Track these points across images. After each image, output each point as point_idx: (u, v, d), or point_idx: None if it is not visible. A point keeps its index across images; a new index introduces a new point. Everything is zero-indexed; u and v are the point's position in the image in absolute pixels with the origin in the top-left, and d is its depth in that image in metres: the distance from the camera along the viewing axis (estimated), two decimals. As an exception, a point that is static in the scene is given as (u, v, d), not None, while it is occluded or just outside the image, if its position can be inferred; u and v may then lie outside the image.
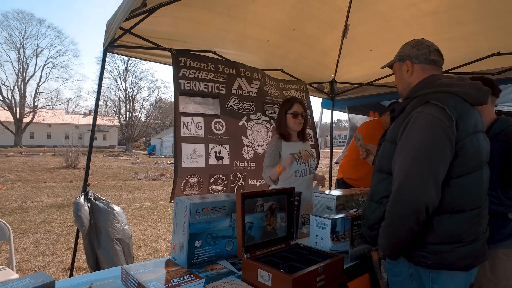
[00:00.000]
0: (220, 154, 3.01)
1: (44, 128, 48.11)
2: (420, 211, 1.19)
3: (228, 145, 3.08)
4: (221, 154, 3.01)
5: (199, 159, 2.87)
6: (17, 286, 0.89)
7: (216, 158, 2.98)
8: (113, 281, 1.33)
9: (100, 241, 2.70)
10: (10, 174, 14.49)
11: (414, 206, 1.19)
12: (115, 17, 2.26)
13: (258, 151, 3.31)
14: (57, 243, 4.79)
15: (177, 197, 1.57)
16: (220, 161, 3.01)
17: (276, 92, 3.63)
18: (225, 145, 3.05)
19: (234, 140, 3.13)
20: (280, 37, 3.23)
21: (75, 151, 18.95)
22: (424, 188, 1.19)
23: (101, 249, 2.69)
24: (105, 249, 2.70)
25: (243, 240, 1.40)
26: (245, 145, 3.22)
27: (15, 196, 9.13)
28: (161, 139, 42.10)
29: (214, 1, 2.54)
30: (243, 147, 3.21)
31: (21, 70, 46.00)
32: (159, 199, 9.15)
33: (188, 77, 2.87)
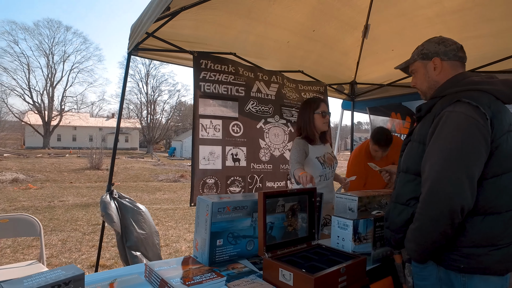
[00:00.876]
0: (237, 156, 3.04)
1: (70, 131, 49.81)
2: (455, 213, 1.15)
3: (245, 147, 3.11)
4: (237, 156, 3.04)
5: (216, 161, 2.91)
6: (50, 276, 0.93)
7: (233, 160, 3.02)
8: (137, 277, 1.37)
9: (129, 237, 2.77)
10: (39, 174, 15.10)
11: (448, 208, 1.15)
12: (140, 21, 2.32)
13: (274, 153, 3.33)
14: (83, 241, 4.95)
15: (199, 196, 1.60)
16: (236, 163, 3.04)
17: (294, 94, 3.63)
18: (242, 148, 3.08)
19: (251, 142, 3.16)
20: (300, 38, 3.23)
21: (98, 153, 19.53)
22: (458, 189, 1.15)
23: (130, 245, 2.76)
24: (134, 244, 2.77)
25: (264, 239, 1.40)
26: (262, 148, 3.24)
27: (44, 195, 9.51)
28: (181, 141, 42.73)
29: (235, 3, 2.57)
30: (260, 150, 3.23)
31: (49, 75, 47.96)
32: (179, 200, 9.29)
33: (208, 80, 2.92)
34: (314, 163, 2.40)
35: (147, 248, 2.84)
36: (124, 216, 2.79)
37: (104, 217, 2.70)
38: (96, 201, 8.52)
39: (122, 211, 2.79)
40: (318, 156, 2.42)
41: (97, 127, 51.21)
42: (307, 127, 2.40)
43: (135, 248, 2.77)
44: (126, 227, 2.77)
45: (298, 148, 2.36)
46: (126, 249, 2.76)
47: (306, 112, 2.42)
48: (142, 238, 2.82)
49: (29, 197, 9.03)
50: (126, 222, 2.78)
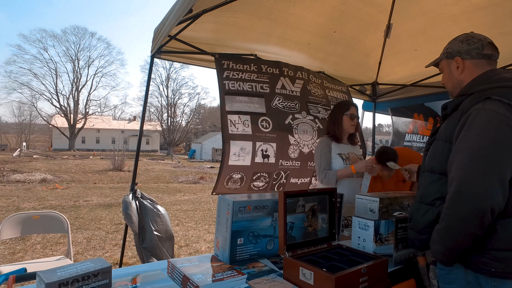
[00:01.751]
0: (266, 152, 3.02)
1: (94, 133, 51.37)
2: (484, 214, 1.10)
3: (275, 143, 3.08)
4: (267, 152, 3.03)
5: (246, 157, 2.91)
6: (81, 268, 0.97)
7: (262, 157, 3.00)
8: (160, 273, 1.40)
9: (145, 238, 2.84)
10: (65, 175, 15.65)
11: (476, 208, 1.10)
12: (163, 25, 2.39)
13: (304, 150, 3.29)
14: (106, 240, 5.09)
15: (220, 195, 1.62)
16: (266, 159, 3.03)
17: (319, 91, 3.60)
18: (272, 143, 3.05)
19: (280, 138, 3.13)
20: (320, 39, 3.22)
21: (121, 155, 20.03)
22: (487, 189, 1.10)
23: (145, 246, 2.82)
24: (149, 246, 2.83)
25: (285, 238, 1.41)
26: (291, 144, 3.21)
27: (69, 195, 9.84)
28: (201, 143, 43.24)
29: (256, 5, 2.60)
30: (290, 146, 3.20)
31: (75, 80, 49.79)
32: (199, 201, 9.40)
33: (232, 78, 2.94)
34: (335, 158, 2.49)
35: (161, 251, 2.88)
36: (143, 217, 2.85)
37: (124, 216, 2.78)
38: (119, 202, 8.74)
39: (142, 212, 2.85)
40: (341, 153, 2.51)
41: (119, 129, 52.57)
42: (335, 127, 2.55)
43: (150, 250, 2.82)
44: (143, 227, 2.83)
45: (323, 151, 2.50)
46: (142, 250, 2.82)
47: (336, 113, 2.57)
48: (158, 240, 2.87)
49: (56, 197, 9.37)
50: (144, 222, 2.84)
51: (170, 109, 48.02)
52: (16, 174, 14.55)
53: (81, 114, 49.67)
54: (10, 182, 12.78)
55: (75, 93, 49.61)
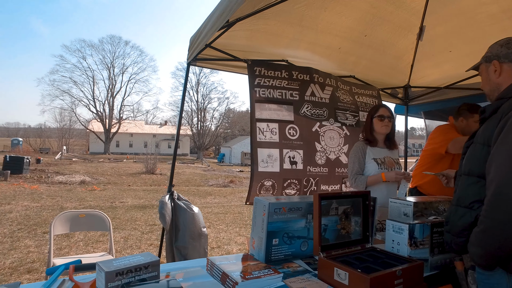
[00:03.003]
0: (294, 159, 3.08)
1: (127, 137, 53.40)
2: None
3: (302, 150, 3.14)
4: (295, 159, 3.09)
5: (274, 163, 2.98)
6: (133, 260, 1.07)
7: (290, 163, 3.07)
8: (200, 269, 1.49)
9: (178, 238, 2.95)
10: (102, 177, 16.41)
11: None
12: (199, 34, 2.51)
13: (330, 156, 3.32)
14: (142, 239, 5.31)
15: (256, 197, 1.69)
16: (294, 166, 3.09)
17: (348, 97, 3.61)
18: (299, 150, 3.11)
19: (307, 145, 3.18)
20: (351, 44, 3.23)
21: (153, 158, 20.70)
22: None
23: (178, 245, 2.93)
24: (181, 245, 2.93)
25: (320, 239, 1.45)
26: (318, 151, 3.25)
27: (106, 196, 10.32)
28: (230, 147, 43.76)
29: (287, 12, 2.66)
30: (316, 153, 3.24)
31: (110, 86, 52.22)
32: (229, 204, 9.55)
33: (262, 85, 3.03)
34: (370, 163, 2.49)
35: (194, 249, 2.97)
36: (178, 217, 2.96)
37: (159, 215, 2.92)
38: (152, 203, 9.06)
39: (177, 212, 2.97)
40: (376, 157, 2.50)
41: (151, 133, 54.33)
42: (367, 131, 2.60)
43: (182, 248, 2.92)
44: (177, 227, 2.94)
45: (357, 156, 2.52)
46: (174, 249, 2.93)
47: (367, 118, 2.62)
48: (191, 239, 2.97)
49: (94, 198, 9.87)
50: (178, 222, 2.95)
51: (200, 114, 49.12)
52: (58, 176, 15.45)
53: (116, 119, 51.97)
54: (54, 183, 13.60)
55: (110, 99, 52.08)
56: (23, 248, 4.61)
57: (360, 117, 3.64)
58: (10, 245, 4.76)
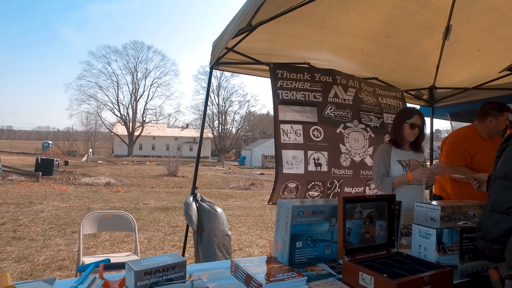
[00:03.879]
0: (318, 161, 3.06)
1: (150, 140, 54.60)
2: None
3: (326, 152, 3.11)
4: (319, 161, 3.07)
5: (299, 165, 2.97)
6: (160, 260, 1.10)
7: (315, 165, 3.05)
8: (224, 271, 1.51)
9: (202, 238, 2.99)
10: (126, 179, 16.86)
11: None
12: (221, 38, 2.55)
13: (355, 158, 3.27)
14: (165, 240, 5.41)
15: (279, 199, 1.70)
16: (318, 167, 3.07)
17: (372, 99, 3.56)
18: (323, 152, 3.09)
19: (332, 147, 3.16)
20: (374, 45, 3.19)
21: (175, 161, 21.07)
22: None
23: (202, 245, 2.97)
24: (205, 245, 2.97)
25: (344, 242, 1.44)
26: (343, 153, 3.22)
27: (130, 198, 10.59)
28: (250, 150, 43.90)
29: (309, 15, 2.66)
30: (341, 155, 3.21)
31: (133, 90, 53.70)
32: (250, 207, 9.57)
33: (285, 88, 3.03)
34: (395, 165, 2.44)
35: (219, 249, 3.01)
36: (201, 217, 3.01)
37: (185, 217, 2.97)
38: (174, 205, 9.22)
39: (201, 213, 3.02)
40: (401, 160, 2.45)
41: (173, 136, 55.29)
42: (396, 133, 2.53)
43: (207, 249, 2.95)
44: (201, 228, 2.99)
45: (382, 158, 2.48)
46: (199, 249, 2.98)
47: (398, 119, 2.54)
48: (215, 239, 3.00)
49: (119, 199, 10.14)
50: (203, 223, 3.00)
51: (221, 117, 49.65)
52: (85, 178, 16.01)
53: (139, 122, 53.29)
54: (81, 184, 14.10)
55: (133, 103, 53.54)
56: (54, 246, 4.81)
57: (384, 118, 3.57)
58: (43, 243, 4.98)
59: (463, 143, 2.80)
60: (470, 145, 2.77)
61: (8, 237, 5.20)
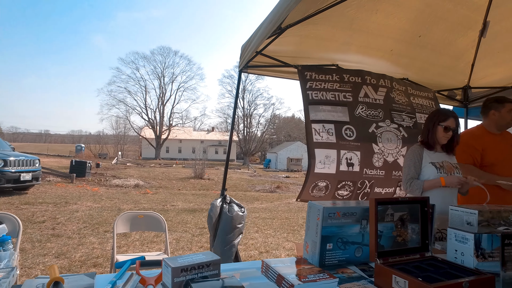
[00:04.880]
0: (351, 160, 3.03)
1: (176, 143, 55.79)
2: None
3: (359, 151, 3.08)
4: (352, 160, 3.03)
5: (331, 164, 2.96)
6: (196, 258, 1.13)
7: (347, 165, 3.02)
8: (256, 271, 1.52)
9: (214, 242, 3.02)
10: (153, 181, 17.29)
11: None
12: (250, 42, 2.59)
13: (388, 159, 3.20)
14: (192, 241, 5.51)
15: (310, 201, 1.70)
16: (350, 167, 3.03)
17: (404, 98, 3.48)
18: (356, 152, 3.05)
19: (364, 147, 3.11)
20: (404, 45, 3.12)
21: (201, 164, 21.38)
22: None
23: (215, 247, 3.00)
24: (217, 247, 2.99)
25: (376, 244, 1.42)
26: (375, 153, 3.16)
27: (158, 199, 10.86)
28: (276, 153, 43.88)
29: (337, 17, 2.65)
30: (374, 155, 3.15)
31: (161, 95, 55.15)
32: (276, 210, 9.56)
33: (315, 89, 3.03)
34: (428, 167, 2.37)
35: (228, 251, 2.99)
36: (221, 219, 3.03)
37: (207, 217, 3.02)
38: (201, 207, 9.36)
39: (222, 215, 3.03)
40: (434, 161, 2.38)
41: (199, 140, 56.23)
42: (428, 135, 2.45)
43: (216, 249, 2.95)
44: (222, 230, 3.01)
45: (412, 159, 2.41)
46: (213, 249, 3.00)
47: (432, 121, 2.46)
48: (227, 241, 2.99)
49: (147, 201, 10.43)
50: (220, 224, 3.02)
51: (246, 120, 49.94)
52: (115, 180, 16.56)
53: (166, 125, 54.62)
54: (111, 186, 14.61)
55: (160, 107, 54.98)
56: (88, 244, 5.02)
57: (417, 118, 3.48)
58: (78, 241, 5.22)
59: (470, 141, 2.75)
60: (476, 141, 2.72)
61: (48, 234, 5.49)
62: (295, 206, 10.38)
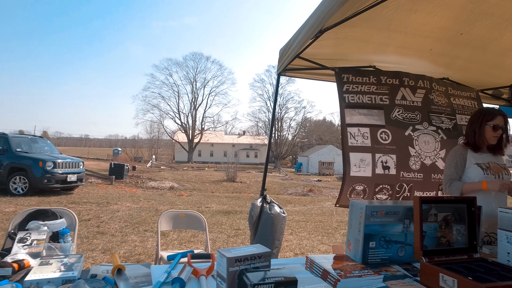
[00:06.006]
0: (386, 164, 3.02)
1: (208, 147, 56.84)
2: None
3: (395, 155, 3.06)
4: (387, 164, 3.02)
5: (366, 168, 2.96)
6: (248, 250, 1.20)
7: (383, 168, 3.01)
8: (300, 266, 1.58)
9: (255, 237, 3.09)
10: (187, 184, 17.75)
11: None
12: (290, 45, 2.65)
13: (425, 162, 3.15)
14: (228, 242, 5.63)
15: (351, 200, 1.73)
16: (386, 171, 3.02)
17: (443, 99, 3.39)
18: (391, 155, 3.04)
19: (400, 150, 3.09)
20: (444, 44, 3.04)
21: (233, 167, 21.67)
22: None
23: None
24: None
25: (421, 242, 1.42)
26: (412, 156, 3.12)
27: (193, 201, 11.14)
28: (307, 157, 43.53)
29: (375, 18, 2.64)
30: (410, 158, 3.12)
31: (193, 99, 56.57)
32: (310, 213, 9.51)
33: (351, 91, 3.05)
34: (473, 168, 2.30)
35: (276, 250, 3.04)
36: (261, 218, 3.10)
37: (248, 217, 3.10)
38: (235, 209, 9.50)
39: (262, 215, 3.11)
40: (480, 162, 2.31)
41: (231, 143, 56.95)
42: (475, 136, 2.35)
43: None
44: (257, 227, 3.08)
45: (455, 160, 2.35)
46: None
47: (478, 121, 2.36)
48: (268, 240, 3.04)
49: (182, 202, 10.74)
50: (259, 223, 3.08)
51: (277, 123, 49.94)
52: (151, 182, 17.19)
53: (198, 130, 55.86)
54: (148, 188, 15.18)
55: (193, 111, 56.39)
56: (130, 242, 5.28)
57: (457, 120, 3.38)
58: (121, 238, 5.50)
59: None
60: None
61: (94, 232, 5.84)
62: (328, 210, 10.27)
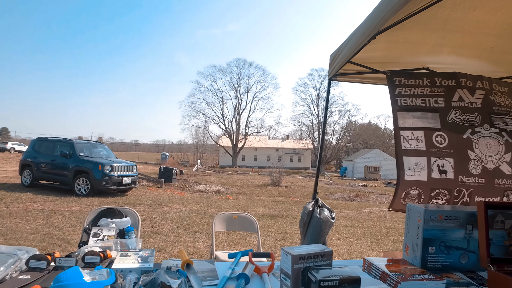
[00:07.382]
0: (443, 167, 2.91)
1: (252, 151, 57.45)
2: None
3: (452, 158, 2.94)
4: (444, 168, 2.91)
5: (422, 172, 2.88)
6: (310, 249, 1.27)
7: (439, 172, 2.91)
8: (358, 267, 1.61)
9: (304, 241, 3.11)
10: (233, 188, 18.12)
11: None
12: (341, 50, 2.68)
13: (488, 166, 2.98)
14: (276, 245, 5.69)
15: (409, 203, 1.72)
16: (443, 175, 2.91)
17: (507, 100, 3.19)
18: (448, 159, 2.92)
19: (458, 153, 2.96)
20: (507, 41, 2.87)
21: (277, 172, 21.74)
22: None
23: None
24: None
25: (488, 249, 1.39)
26: (472, 159, 2.97)
27: (239, 205, 11.37)
28: (352, 161, 42.36)
29: (428, 19, 2.58)
30: (470, 161, 2.97)
31: (237, 105, 57.70)
32: (357, 218, 9.29)
33: (404, 95, 2.98)
34: None
35: None
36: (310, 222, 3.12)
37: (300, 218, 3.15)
38: (281, 213, 9.55)
39: (312, 219, 3.13)
40: None
41: (274, 148, 57.08)
42: None
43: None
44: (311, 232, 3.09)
45: None
46: None
47: None
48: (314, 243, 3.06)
49: (229, 205, 11.00)
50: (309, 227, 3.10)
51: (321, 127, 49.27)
52: (198, 185, 17.80)
53: (242, 134, 56.77)
54: (195, 191, 15.74)
55: (237, 116, 57.47)
56: (183, 242, 5.56)
57: None
58: (174, 238, 5.80)
59: None
60: None
61: (149, 231, 6.22)
62: (376, 216, 9.94)
